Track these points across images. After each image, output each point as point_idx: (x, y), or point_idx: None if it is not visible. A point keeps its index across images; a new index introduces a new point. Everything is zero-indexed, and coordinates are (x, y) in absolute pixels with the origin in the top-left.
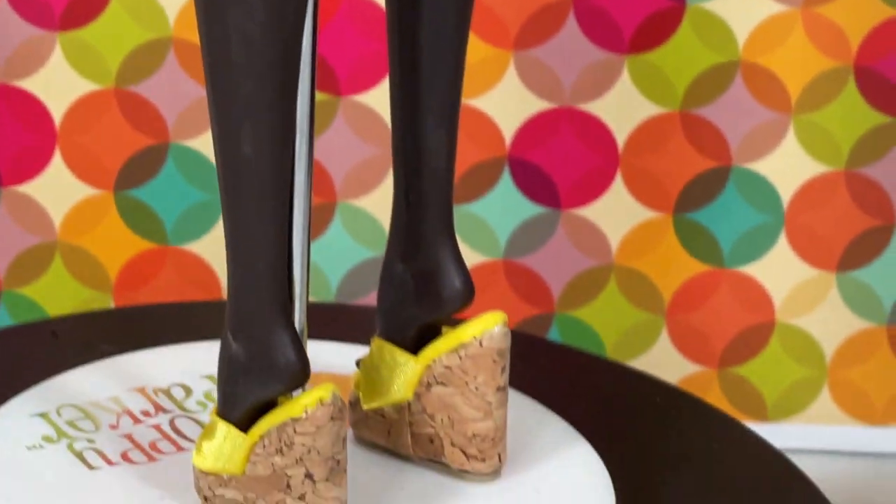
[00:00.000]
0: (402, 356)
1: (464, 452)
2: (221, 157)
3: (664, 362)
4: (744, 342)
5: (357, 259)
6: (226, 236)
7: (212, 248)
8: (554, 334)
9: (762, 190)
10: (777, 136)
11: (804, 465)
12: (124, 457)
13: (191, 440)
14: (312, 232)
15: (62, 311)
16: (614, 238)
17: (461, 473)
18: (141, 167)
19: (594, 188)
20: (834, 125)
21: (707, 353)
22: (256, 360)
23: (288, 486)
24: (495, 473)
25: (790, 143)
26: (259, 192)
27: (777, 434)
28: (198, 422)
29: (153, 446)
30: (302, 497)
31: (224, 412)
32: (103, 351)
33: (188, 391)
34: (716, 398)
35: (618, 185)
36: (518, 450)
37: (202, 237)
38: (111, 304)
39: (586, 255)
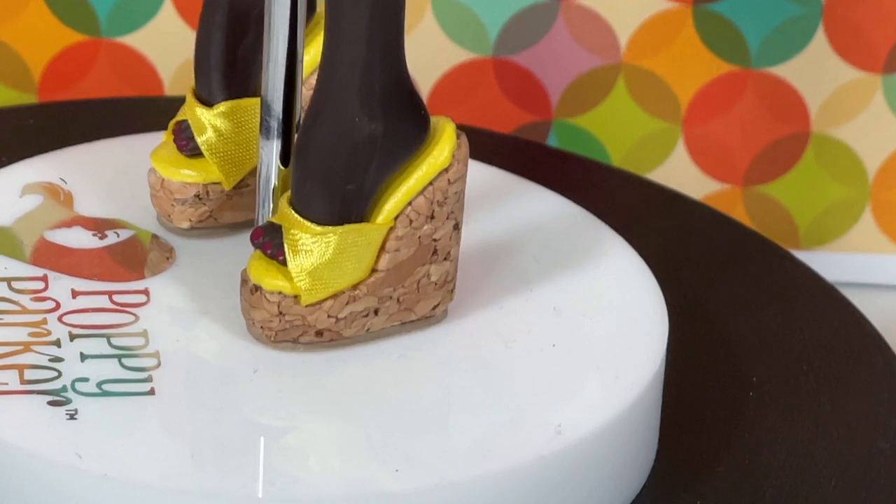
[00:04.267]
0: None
1: None
2: None
3: (680, 178)
4: (773, 156)
5: None
6: (351, 25)
7: (151, 40)
8: (552, 145)
9: None
10: None
11: None
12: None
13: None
14: None
15: None
16: (623, 32)
17: None
18: None
19: None
20: None
21: (730, 168)
22: (399, 132)
23: (434, 251)
24: None
25: None
26: None
27: (810, 264)
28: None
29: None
30: (447, 256)
31: (341, 216)
32: None
33: None
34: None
35: None
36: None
37: (140, 28)
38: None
39: (590, 53)
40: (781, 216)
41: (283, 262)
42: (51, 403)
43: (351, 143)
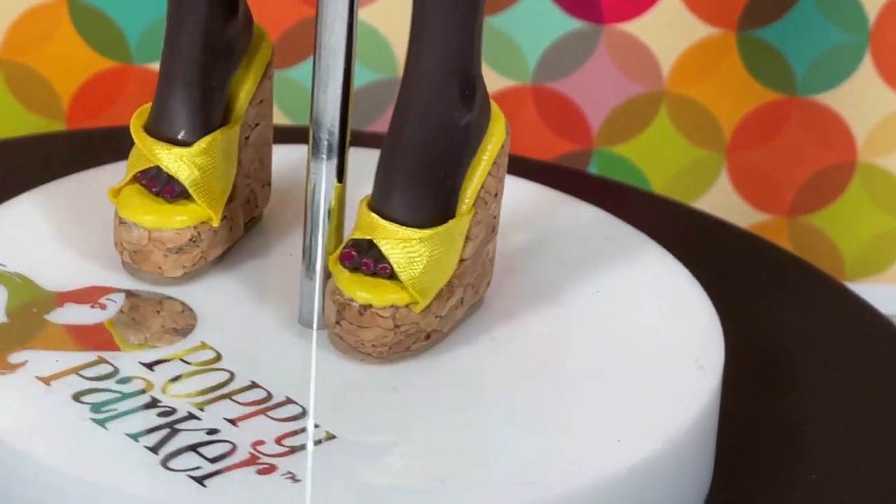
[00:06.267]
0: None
1: None
2: None
3: (723, 208)
4: (819, 186)
5: None
6: (453, 14)
7: None
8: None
9: (843, 2)
10: None
11: None
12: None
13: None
14: None
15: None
16: (666, 59)
17: None
18: None
19: None
20: None
21: (775, 198)
22: (480, 120)
23: (493, 228)
24: None
25: None
26: None
27: None
28: None
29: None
30: (498, 230)
31: (443, 214)
32: None
33: None
34: None
35: None
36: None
37: None
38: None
39: (632, 80)
40: (827, 247)
41: (388, 276)
42: (260, 472)
43: (451, 138)
